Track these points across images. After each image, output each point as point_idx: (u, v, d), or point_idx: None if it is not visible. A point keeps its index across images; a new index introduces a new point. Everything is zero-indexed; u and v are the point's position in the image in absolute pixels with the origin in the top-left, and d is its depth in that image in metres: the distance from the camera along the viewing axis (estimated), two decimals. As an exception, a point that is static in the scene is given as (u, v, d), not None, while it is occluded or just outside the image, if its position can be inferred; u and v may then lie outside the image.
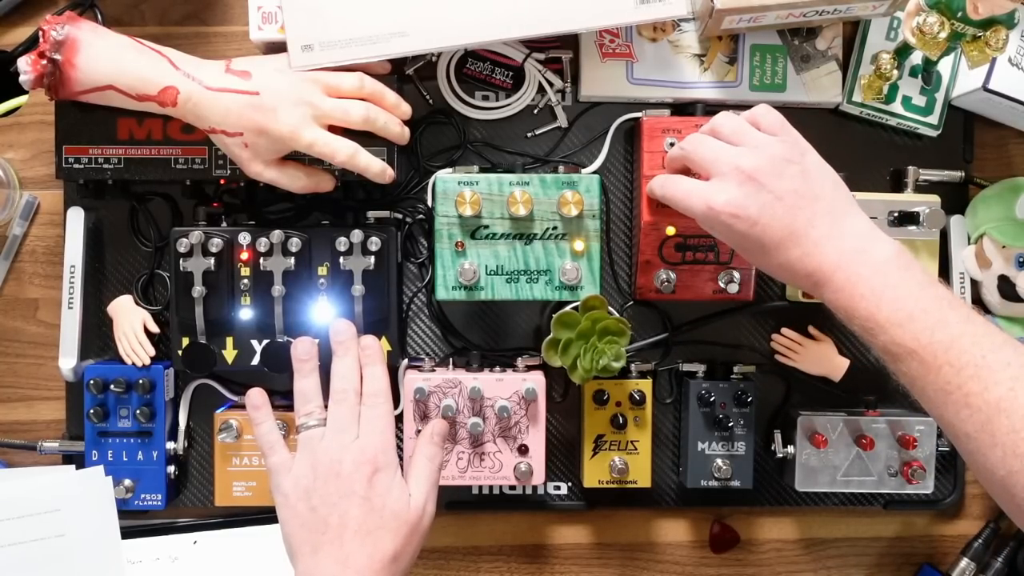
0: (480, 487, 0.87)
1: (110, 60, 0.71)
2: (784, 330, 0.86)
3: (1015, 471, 0.56)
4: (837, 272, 0.64)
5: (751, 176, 0.66)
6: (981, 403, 0.58)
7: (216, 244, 0.77)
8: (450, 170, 0.81)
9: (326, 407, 0.71)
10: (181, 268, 0.78)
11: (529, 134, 0.86)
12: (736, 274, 0.80)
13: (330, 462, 0.67)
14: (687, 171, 0.73)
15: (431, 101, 0.85)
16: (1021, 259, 0.83)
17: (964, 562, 0.89)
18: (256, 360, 0.80)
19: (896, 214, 0.81)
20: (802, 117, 0.85)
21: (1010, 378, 0.57)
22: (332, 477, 0.67)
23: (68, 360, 0.81)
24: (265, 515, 0.85)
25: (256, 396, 0.73)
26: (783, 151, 0.67)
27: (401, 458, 0.74)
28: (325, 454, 0.68)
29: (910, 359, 0.61)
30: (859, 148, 0.87)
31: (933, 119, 0.86)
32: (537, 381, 0.81)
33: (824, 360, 0.85)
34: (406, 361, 0.85)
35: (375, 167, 0.76)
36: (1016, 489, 0.56)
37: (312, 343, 0.73)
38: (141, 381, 0.81)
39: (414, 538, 0.68)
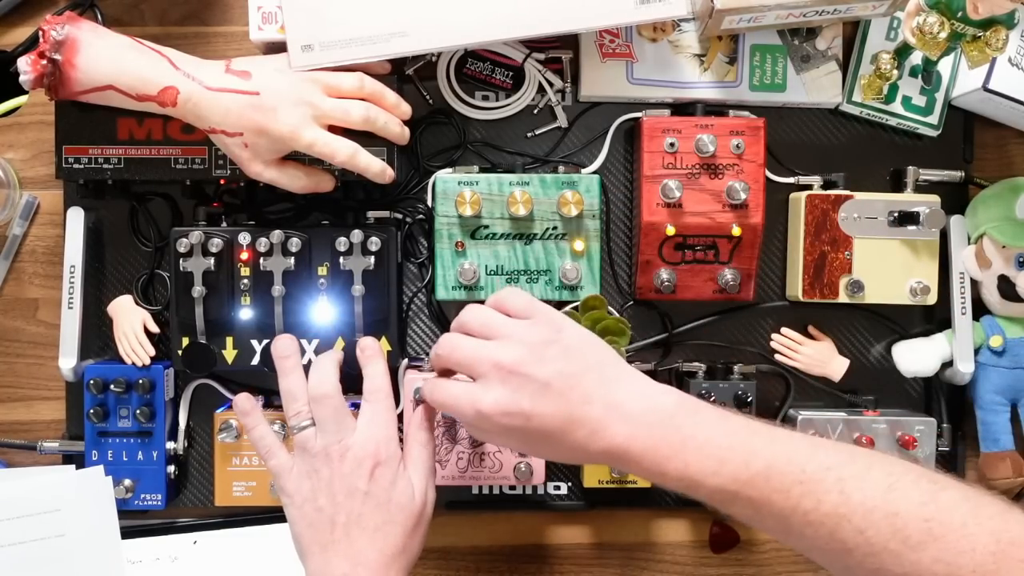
0: (480, 487, 0.87)
1: (110, 60, 0.71)
2: (784, 330, 0.86)
3: (874, 569, 0.54)
4: (632, 443, 0.60)
5: (512, 370, 0.61)
6: (820, 517, 0.56)
7: (216, 244, 0.77)
8: (450, 170, 0.81)
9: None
10: (181, 268, 0.78)
11: (529, 134, 0.86)
12: (736, 274, 0.80)
13: (329, 460, 0.67)
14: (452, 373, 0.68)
15: (431, 101, 0.85)
16: (1021, 259, 0.83)
17: (964, 562, 0.88)
18: (256, 360, 0.80)
19: (896, 214, 0.81)
20: (802, 117, 0.86)
21: (835, 481, 0.56)
22: (335, 475, 0.67)
23: (68, 360, 0.81)
24: (265, 515, 0.85)
25: (244, 402, 0.73)
26: (538, 334, 0.63)
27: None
28: (323, 454, 0.68)
29: (737, 501, 0.58)
30: (859, 148, 0.87)
31: (933, 119, 0.86)
32: (537, 381, 0.80)
33: (824, 360, 0.85)
34: (406, 361, 0.85)
35: (375, 167, 0.76)
36: None
37: (292, 339, 0.73)
38: (141, 381, 0.81)
39: (419, 529, 0.68)
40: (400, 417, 0.79)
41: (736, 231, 0.79)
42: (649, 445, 0.60)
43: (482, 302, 0.68)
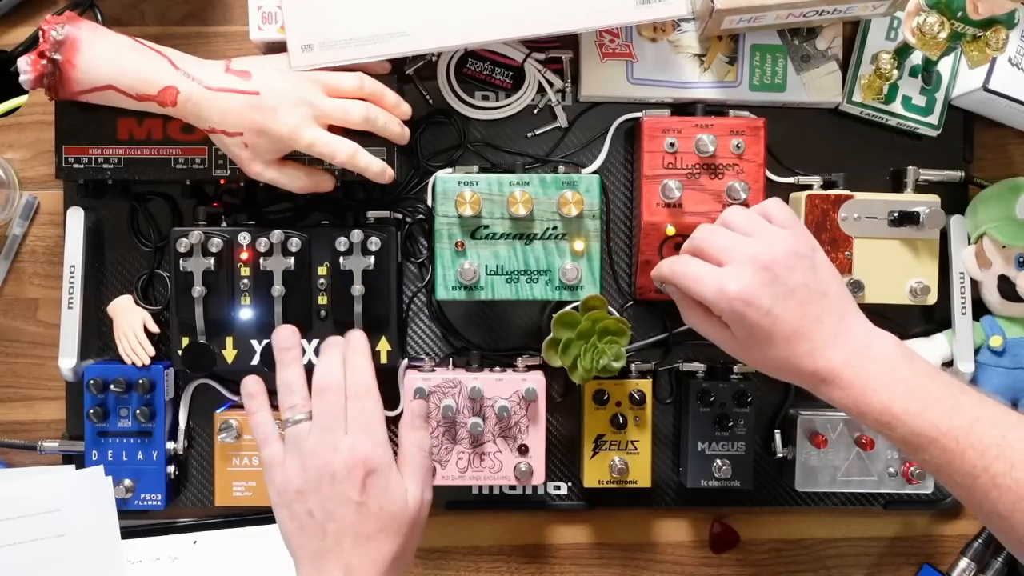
0: (480, 487, 0.87)
1: (110, 60, 0.71)
2: (784, 330, 0.86)
3: None
4: (846, 369, 0.64)
5: (766, 266, 0.65)
6: (1010, 483, 0.58)
7: (216, 244, 0.77)
8: (450, 170, 0.81)
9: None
10: (181, 268, 0.78)
11: (529, 134, 0.86)
12: (736, 274, 0.80)
13: (320, 464, 0.66)
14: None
15: (431, 101, 0.85)
16: (1021, 259, 0.83)
17: (964, 562, 0.89)
18: (256, 360, 0.80)
19: (896, 214, 0.81)
20: (802, 117, 0.86)
21: None
22: (325, 481, 0.66)
23: (68, 360, 0.81)
24: (265, 515, 0.85)
25: (252, 384, 0.72)
26: (796, 245, 0.67)
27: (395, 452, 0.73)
28: (314, 456, 0.67)
29: (932, 447, 0.61)
30: (859, 148, 0.87)
31: (933, 119, 0.86)
32: (537, 381, 0.81)
33: (824, 360, 0.85)
34: (406, 361, 0.85)
35: (375, 167, 0.76)
36: None
37: (294, 331, 0.73)
38: (141, 381, 0.81)
39: (415, 533, 0.68)
40: (399, 419, 0.79)
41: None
42: (861, 375, 0.64)
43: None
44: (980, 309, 0.86)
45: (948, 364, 0.85)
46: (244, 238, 0.78)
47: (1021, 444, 0.59)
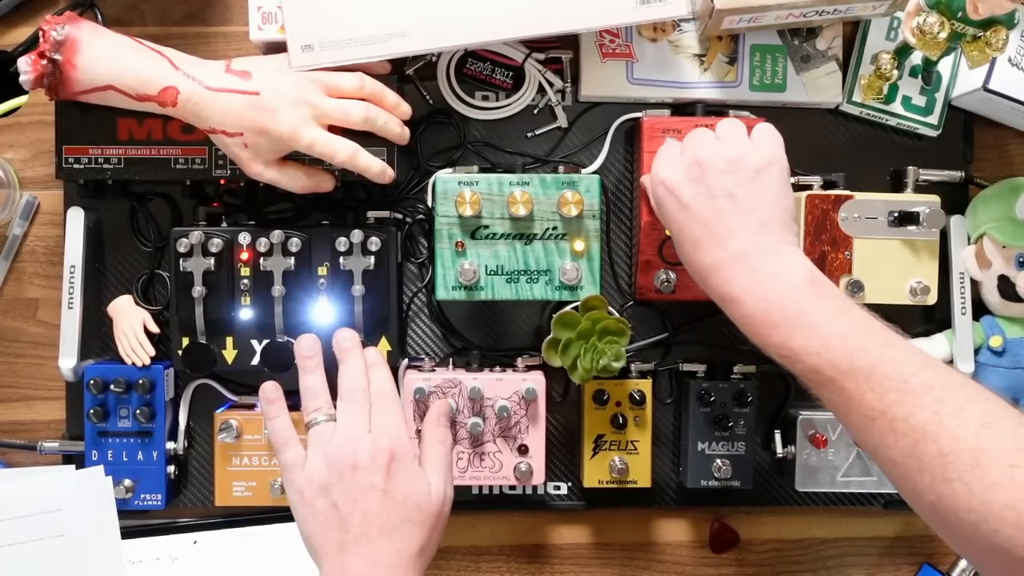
0: (480, 487, 0.87)
1: (110, 60, 0.71)
2: (784, 330, 0.86)
3: (943, 495, 0.54)
4: (747, 296, 0.63)
5: (700, 163, 0.66)
6: (907, 428, 0.56)
7: (216, 244, 0.77)
8: (450, 170, 0.81)
9: (334, 405, 0.70)
10: (181, 268, 0.78)
11: (529, 134, 0.86)
12: (736, 274, 0.80)
13: (344, 455, 0.65)
14: None
15: (431, 101, 0.85)
16: (1021, 259, 0.83)
17: (964, 562, 0.89)
18: (256, 360, 0.80)
19: (896, 214, 0.81)
20: (802, 117, 0.86)
21: (933, 401, 0.56)
22: (348, 470, 0.65)
23: (68, 360, 0.81)
24: (265, 515, 0.85)
25: (271, 390, 0.72)
26: (743, 155, 0.66)
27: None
28: (339, 448, 0.66)
29: (830, 386, 0.59)
30: (859, 148, 0.87)
31: (933, 119, 0.86)
32: (537, 381, 0.81)
33: (824, 360, 0.85)
34: (406, 361, 0.85)
35: (375, 167, 0.76)
36: (945, 513, 0.54)
37: (315, 339, 0.73)
38: (141, 381, 0.81)
39: (438, 526, 0.67)
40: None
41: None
42: (762, 306, 0.62)
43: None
44: (980, 309, 0.86)
45: (948, 364, 0.85)
46: (244, 238, 0.78)
47: (922, 390, 0.57)
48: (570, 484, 0.88)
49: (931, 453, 0.55)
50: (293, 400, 0.72)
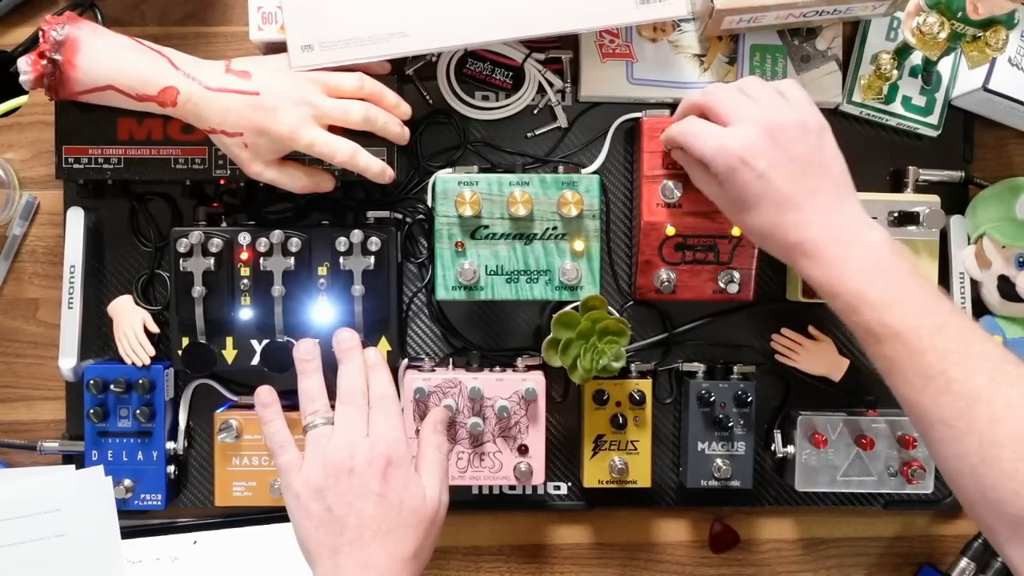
0: (480, 487, 0.87)
1: (110, 60, 0.71)
2: (784, 330, 0.86)
3: (988, 459, 0.56)
4: (830, 246, 0.65)
5: (770, 131, 0.67)
6: (963, 390, 0.58)
7: (216, 244, 0.77)
8: (450, 170, 0.81)
9: (332, 407, 0.70)
10: (181, 268, 0.78)
11: (529, 134, 0.86)
12: (736, 274, 0.80)
13: (341, 459, 0.66)
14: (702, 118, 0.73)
15: (431, 101, 0.85)
16: (1021, 259, 0.83)
17: (964, 562, 0.89)
18: (256, 360, 0.80)
19: (896, 214, 0.81)
20: (802, 117, 0.86)
21: (992, 368, 0.58)
22: (345, 474, 0.65)
23: (68, 360, 0.81)
24: (265, 515, 0.85)
25: (265, 394, 0.72)
26: (805, 119, 0.68)
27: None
28: (336, 451, 0.66)
29: (894, 341, 0.61)
30: (859, 148, 0.87)
31: (933, 119, 0.86)
32: (537, 381, 0.81)
33: (824, 360, 0.85)
34: (406, 361, 0.85)
35: (375, 167, 0.76)
36: (985, 478, 0.56)
37: (314, 343, 0.73)
38: (141, 381, 0.81)
39: (432, 532, 0.67)
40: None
41: (736, 231, 0.79)
42: (844, 255, 0.64)
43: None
44: (980, 309, 0.86)
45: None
46: (244, 238, 0.78)
47: (981, 358, 0.59)
48: (570, 484, 0.88)
49: (983, 417, 0.57)
50: (293, 400, 0.72)
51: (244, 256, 0.78)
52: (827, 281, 0.64)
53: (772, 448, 0.85)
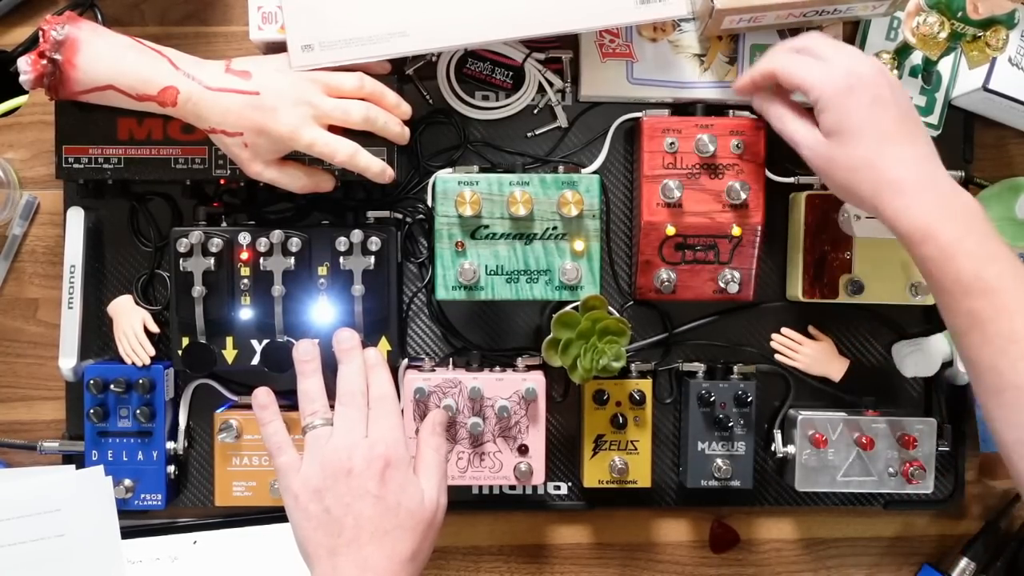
0: (480, 487, 0.87)
1: (110, 60, 0.71)
2: (784, 330, 0.86)
3: None
4: (930, 190, 0.66)
5: (879, 69, 0.70)
6: None
7: (216, 244, 0.77)
8: (450, 170, 0.81)
9: (331, 407, 0.70)
10: (181, 268, 0.78)
11: (529, 134, 0.86)
12: (736, 274, 0.80)
13: (340, 460, 0.66)
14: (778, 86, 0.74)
15: (431, 101, 0.85)
16: (1021, 259, 0.83)
17: (964, 562, 0.89)
18: (256, 360, 0.80)
19: (896, 214, 0.81)
20: (802, 117, 0.86)
21: None
22: (343, 476, 0.66)
23: (68, 360, 0.81)
24: (265, 515, 0.85)
25: (263, 396, 0.72)
26: (893, 84, 0.70)
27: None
28: (334, 453, 0.66)
29: (986, 296, 0.61)
30: (859, 148, 0.87)
31: (933, 119, 0.86)
32: (537, 381, 0.81)
33: (824, 360, 0.85)
34: (406, 361, 0.85)
35: (375, 167, 0.76)
36: None
37: (313, 344, 0.73)
38: (141, 381, 0.81)
39: (430, 534, 0.68)
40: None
41: (736, 231, 0.79)
42: (940, 201, 0.65)
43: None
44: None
45: (948, 364, 0.85)
46: (244, 238, 0.78)
47: None
48: (570, 484, 0.88)
49: None
50: (293, 400, 0.72)
51: (244, 256, 0.78)
52: (922, 223, 0.64)
53: (772, 448, 0.85)
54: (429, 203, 0.83)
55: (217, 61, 0.74)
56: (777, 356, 0.86)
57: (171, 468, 0.84)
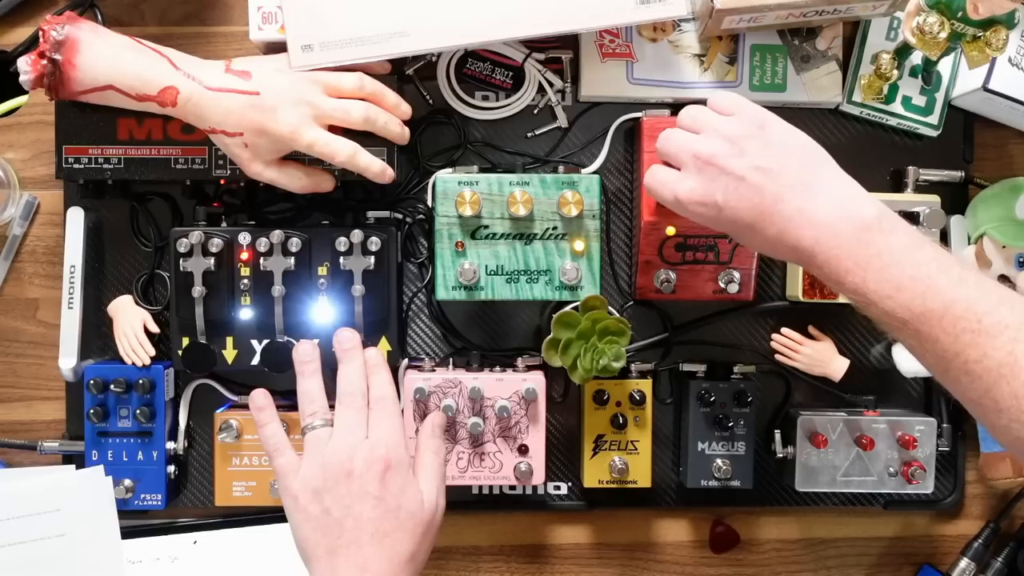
0: (480, 487, 0.87)
1: (110, 60, 0.71)
2: (784, 330, 0.86)
3: (1020, 438, 0.55)
4: (816, 248, 0.61)
5: (708, 161, 0.65)
6: (981, 370, 0.56)
7: (216, 244, 0.77)
8: (450, 170, 0.81)
9: (331, 407, 0.70)
10: (181, 268, 0.78)
11: (529, 134, 0.86)
12: (736, 274, 0.80)
13: (340, 462, 0.66)
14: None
15: (431, 101, 0.85)
16: (1021, 259, 0.83)
17: (964, 562, 0.89)
18: (256, 360, 0.80)
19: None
20: (802, 117, 0.86)
21: (1009, 340, 0.56)
22: (343, 477, 0.66)
23: (68, 360, 0.81)
24: (265, 515, 0.85)
25: (260, 397, 0.72)
26: (738, 128, 0.65)
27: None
28: (334, 454, 0.67)
29: (905, 329, 0.59)
30: (859, 148, 0.87)
31: (933, 119, 0.86)
32: (537, 381, 0.81)
33: (824, 360, 0.85)
34: (406, 361, 0.85)
35: (375, 167, 0.76)
36: None
37: (313, 345, 0.73)
38: (141, 381, 0.81)
39: (429, 535, 0.68)
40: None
41: (736, 231, 0.79)
42: (833, 255, 0.61)
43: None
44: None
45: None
46: (244, 238, 0.78)
47: (996, 330, 0.56)
48: (570, 484, 0.88)
49: (1006, 395, 0.56)
50: (293, 400, 0.72)
51: (244, 256, 0.78)
52: (828, 280, 0.63)
53: (772, 448, 0.85)
54: (429, 203, 0.83)
55: (217, 61, 0.74)
56: (777, 356, 0.86)
57: (171, 468, 0.84)
